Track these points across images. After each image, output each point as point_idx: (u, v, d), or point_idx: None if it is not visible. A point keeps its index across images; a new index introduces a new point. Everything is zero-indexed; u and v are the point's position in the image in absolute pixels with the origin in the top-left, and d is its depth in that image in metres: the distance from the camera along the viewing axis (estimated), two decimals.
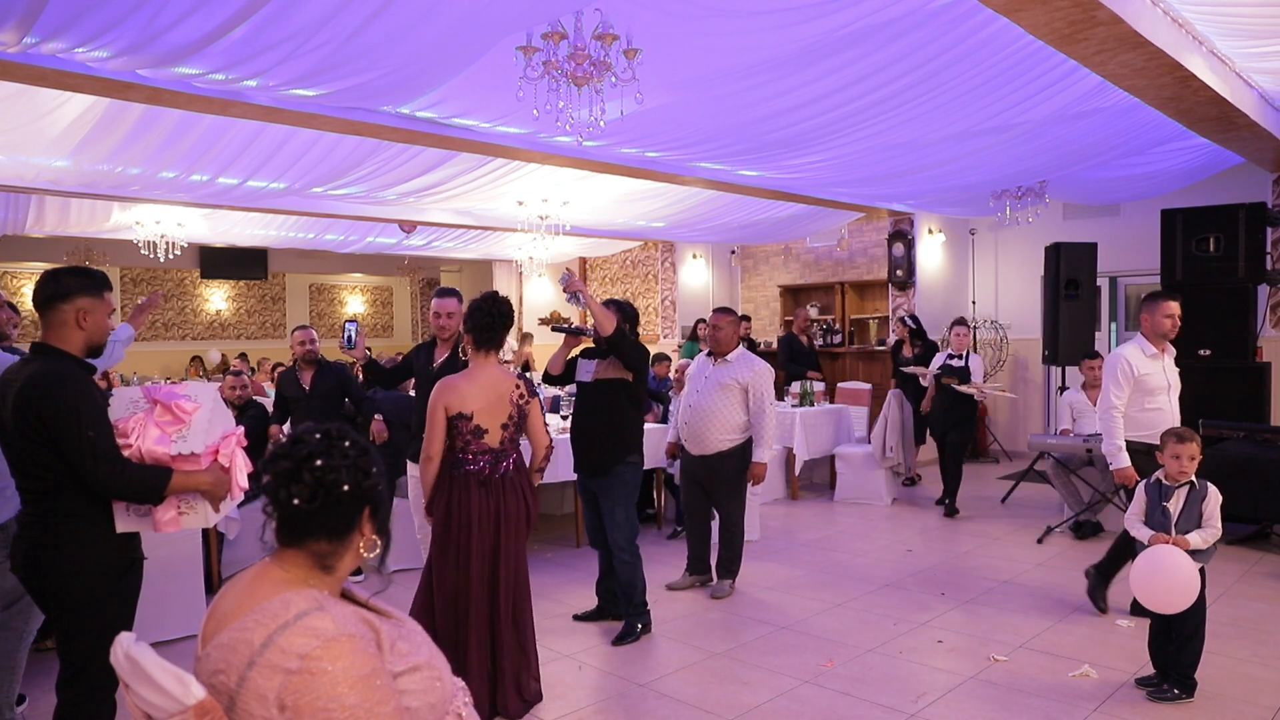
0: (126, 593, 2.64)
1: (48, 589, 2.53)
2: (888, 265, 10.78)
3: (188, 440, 2.57)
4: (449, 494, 3.51)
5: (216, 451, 2.64)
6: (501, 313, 3.63)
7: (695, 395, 5.06)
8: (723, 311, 5.14)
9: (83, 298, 2.55)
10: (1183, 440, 3.61)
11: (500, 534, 3.51)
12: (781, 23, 3.98)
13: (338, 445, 1.52)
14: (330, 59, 4.04)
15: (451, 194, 8.01)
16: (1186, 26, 4.47)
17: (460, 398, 3.49)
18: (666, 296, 13.27)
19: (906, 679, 3.83)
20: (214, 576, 5.00)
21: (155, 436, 2.55)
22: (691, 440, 5.06)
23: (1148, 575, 3.50)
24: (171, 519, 2.60)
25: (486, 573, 3.50)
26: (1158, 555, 3.51)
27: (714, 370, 5.03)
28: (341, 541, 1.53)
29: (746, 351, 5.11)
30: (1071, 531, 6.38)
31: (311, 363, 5.71)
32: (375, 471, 1.56)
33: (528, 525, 3.62)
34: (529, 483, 3.66)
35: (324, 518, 1.50)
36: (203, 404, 2.65)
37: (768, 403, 4.93)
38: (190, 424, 2.60)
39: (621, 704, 3.66)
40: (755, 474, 4.96)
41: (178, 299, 16.08)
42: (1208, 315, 6.73)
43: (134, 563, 2.68)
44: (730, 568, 5.13)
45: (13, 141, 5.78)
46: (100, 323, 2.60)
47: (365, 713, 1.36)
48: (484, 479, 3.50)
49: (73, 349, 2.56)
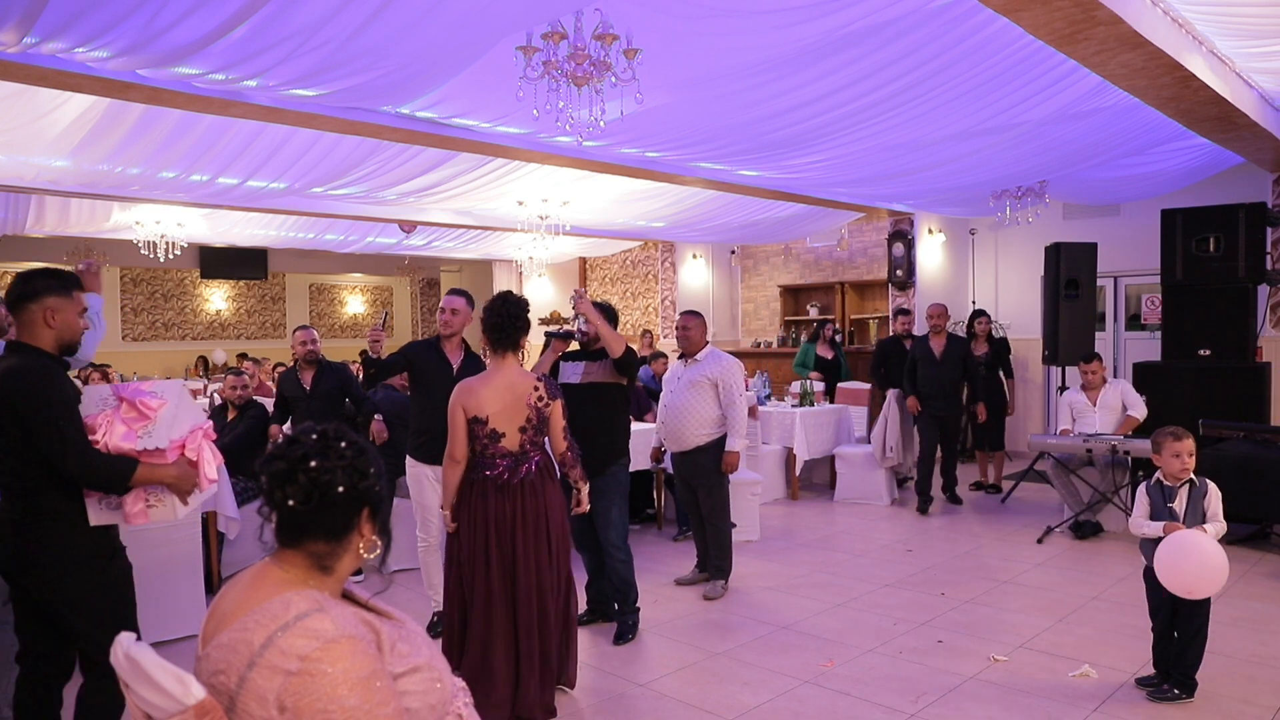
0: (114, 580, 2.73)
1: (32, 585, 2.63)
2: (888, 265, 10.78)
3: (153, 436, 2.67)
4: (468, 499, 3.47)
5: (183, 446, 2.72)
6: (512, 313, 3.56)
7: (670, 395, 5.23)
8: (690, 314, 5.30)
9: (51, 298, 2.64)
10: (1179, 438, 3.62)
11: (517, 541, 3.42)
12: (781, 23, 3.98)
13: (334, 446, 1.52)
14: (330, 59, 4.04)
15: (451, 194, 8.02)
16: (1186, 26, 4.47)
17: (476, 401, 3.45)
18: (666, 296, 13.27)
19: (906, 679, 3.83)
20: (214, 576, 5.00)
21: (121, 433, 2.64)
22: (670, 439, 5.19)
23: (1177, 560, 3.41)
24: (140, 511, 2.69)
25: (505, 580, 3.43)
26: (1183, 539, 3.43)
27: (685, 371, 5.18)
28: (339, 542, 1.53)
29: (715, 350, 5.24)
30: (1071, 531, 6.38)
31: (312, 363, 5.71)
32: (373, 472, 1.55)
33: (555, 529, 3.51)
34: (556, 486, 3.57)
35: (321, 519, 1.50)
36: (168, 400, 2.73)
37: (737, 394, 5.06)
38: (155, 420, 2.68)
39: (621, 704, 3.66)
40: (728, 462, 5.07)
41: (178, 299, 16.08)
42: (1208, 315, 6.74)
43: (115, 552, 2.77)
44: (720, 566, 5.15)
45: (13, 141, 5.78)
46: (69, 321, 2.69)
47: (365, 714, 1.36)
48: (501, 484, 3.44)
49: (45, 346, 2.65)
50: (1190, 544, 3.41)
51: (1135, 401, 6.43)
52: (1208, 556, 3.36)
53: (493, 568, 3.42)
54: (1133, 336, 9.86)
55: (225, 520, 5.08)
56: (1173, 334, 6.95)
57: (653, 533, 6.73)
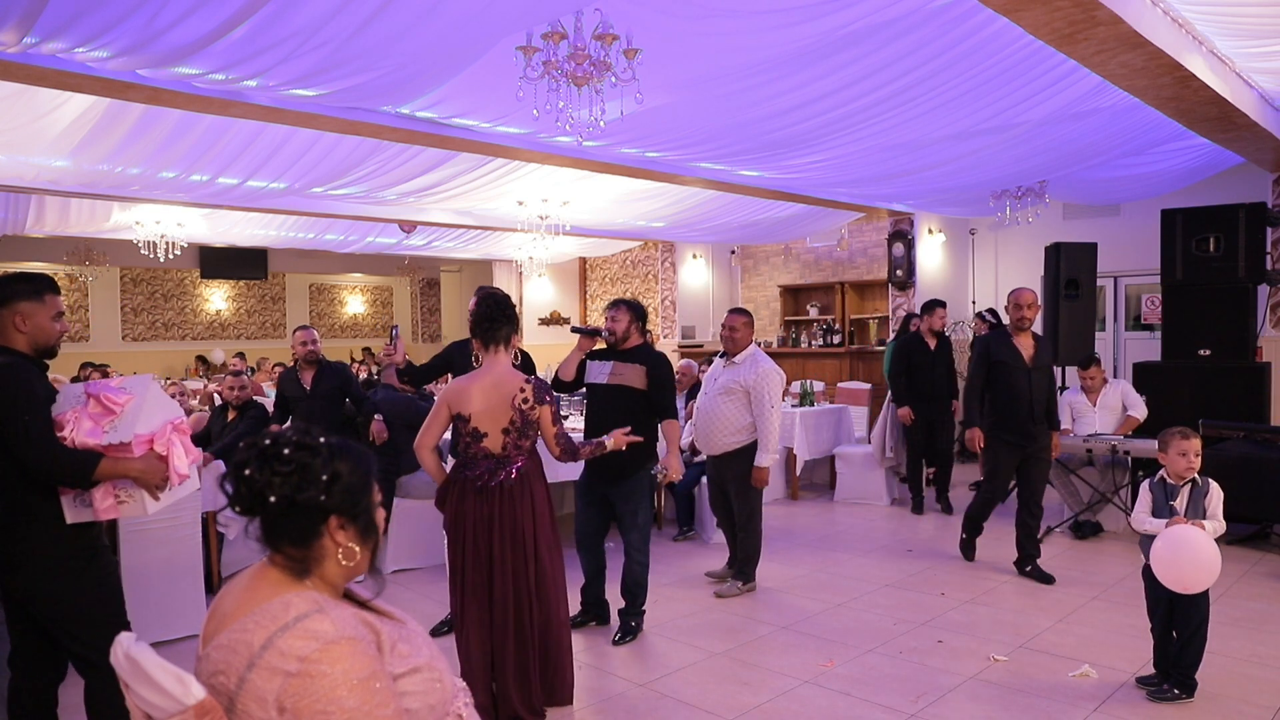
0: (97, 579, 2.75)
1: (15, 585, 2.66)
2: (888, 265, 10.78)
3: (118, 430, 2.68)
4: (453, 498, 3.45)
5: (152, 440, 2.73)
6: (497, 304, 3.49)
7: (703, 397, 5.14)
8: (738, 313, 5.09)
9: (22, 302, 2.69)
10: (1187, 437, 3.63)
11: (494, 544, 3.35)
12: (781, 23, 3.98)
13: (276, 454, 1.46)
14: (330, 59, 4.04)
15: (451, 194, 8.02)
16: (1186, 26, 4.47)
17: (462, 398, 3.39)
18: (666, 296, 13.27)
19: (906, 679, 3.83)
20: (214, 576, 5.00)
21: (87, 428, 2.66)
22: (701, 441, 5.15)
23: (1170, 555, 3.43)
24: (110, 506, 2.71)
25: (483, 583, 3.38)
26: (1177, 534, 3.45)
27: (723, 372, 5.06)
28: (308, 549, 1.50)
29: (757, 353, 5.06)
30: (1071, 531, 6.38)
31: (312, 363, 5.71)
32: (326, 480, 1.48)
33: (541, 537, 3.43)
34: (542, 492, 3.48)
35: (282, 525, 1.49)
36: (134, 395, 2.75)
37: (768, 405, 4.85)
38: (121, 415, 2.70)
39: (621, 704, 3.66)
40: (757, 477, 4.95)
41: (178, 299, 16.08)
42: (1208, 315, 6.74)
43: (97, 552, 2.78)
44: (744, 569, 5.14)
45: (13, 141, 5.78)
46: (41, 324, 2.73)
47: (364, 715, 1.36)
48: (480, 486, 3.37)
49: (21, 348, 2.70)
50: (1182, 539, 3.43)
51: (1135, 402, 6.44)
52: (1200, 551, 3.38)
53: (468, 569, 3.37)
54: (1133, 336, 9.86)
55: (225, 520, 5.08)
56: (1173, 334, 6.95)
57: (653, 533, 6.72)
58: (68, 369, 10.58)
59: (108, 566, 2.82)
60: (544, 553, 3.46)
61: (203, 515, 4.78)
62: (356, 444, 1.59)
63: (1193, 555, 3.39)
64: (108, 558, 2.83)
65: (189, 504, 4.31)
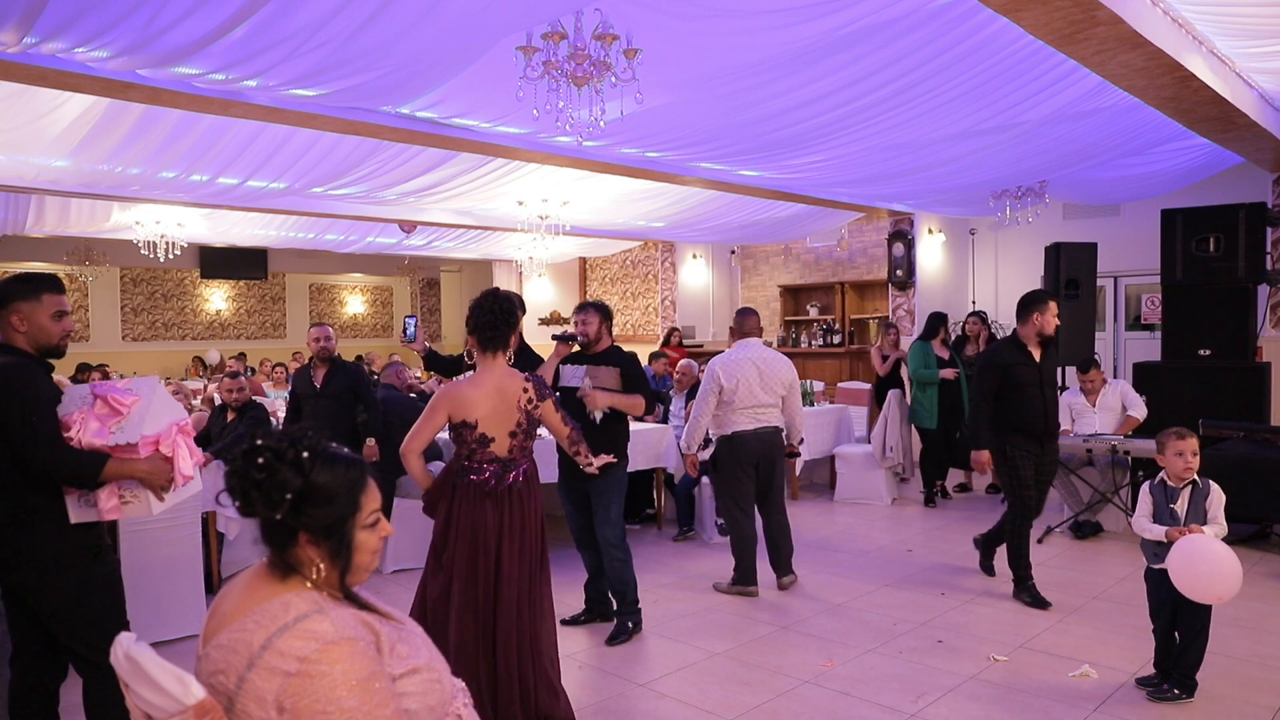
0: (100, 580, 2.76)
1: (18, 585, 2.66)
2: (888, 265, 10.78)
3: (124, 431, 2.69)
4: (450, 504, 3.31)
5: (157, 441, 2.74)
6: (503, 310, 3.35)
7: None
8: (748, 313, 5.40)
9: (20, 303, 2.70)
10: (1183, 437, 3.61)
11: (503, 551, 3.26)
12: (781, 23, 3.98)
13: (250, 460, 1.45)
14: (330, 59, 4.04)
15: (451, 194, 8.02)
16: (1186, 26, 4.47)
17: (464, 405, 3.26)
18: (666, 296, 13.27)
19: (906, 679, 3.83)
20: (214, 576, 5.00)
21: (94, 429, 2.67)
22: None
23: (1189, 567, 3.36)
24: (114, 507, 2.73)
25: (489, 592, 3.26)
26: (1193, 545, 3.38)
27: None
28: (285, 554, 1.49)
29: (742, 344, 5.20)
30: (1071, 531, 6.38)
31: (326, 360, 5.69)
32: (291, 500, 1.44)
33: (536, 542, 3.37)
34: (540, 496, 3.43)
35: (264, 529, 1.49)
36: (141, 396, 2.76)
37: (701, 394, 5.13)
38: (128, 416, 2.71)
39: (621, 704, 3.66)
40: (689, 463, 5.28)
41: (178, 299, 16.08)
42: (1208, 315, 6.74)
43: (100, 552, 2.79)
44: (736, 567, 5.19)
45: (13, 141, 5.78)
46: (40, 324, 2.73)
47: (364, 715, 1.36)
48: (489, 490, 3.27)
49: (24, 347, 2.71)
50: (1204, 550, 3.36)
51: (1135, 402, 6.44)
52: (1220, 561, 3.32)
53: (479, 579, 3.24)
54: (1133, 336, 9.86)
55: (225, 520, 5.08)
56: (1173, 334, 6.95)
57: (653, 533, 6.73)
58: (66, 369, 10.58)
59: (111, 566, 2.84)
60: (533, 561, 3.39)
61: (203, 515, 4.78)
62: (351, 460, 1.53)
63: (1213, 566, 3.32)
64: (111, 557, 2.85)
65: (189, 504, 4.31)
